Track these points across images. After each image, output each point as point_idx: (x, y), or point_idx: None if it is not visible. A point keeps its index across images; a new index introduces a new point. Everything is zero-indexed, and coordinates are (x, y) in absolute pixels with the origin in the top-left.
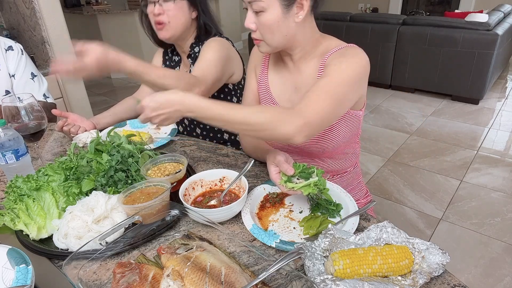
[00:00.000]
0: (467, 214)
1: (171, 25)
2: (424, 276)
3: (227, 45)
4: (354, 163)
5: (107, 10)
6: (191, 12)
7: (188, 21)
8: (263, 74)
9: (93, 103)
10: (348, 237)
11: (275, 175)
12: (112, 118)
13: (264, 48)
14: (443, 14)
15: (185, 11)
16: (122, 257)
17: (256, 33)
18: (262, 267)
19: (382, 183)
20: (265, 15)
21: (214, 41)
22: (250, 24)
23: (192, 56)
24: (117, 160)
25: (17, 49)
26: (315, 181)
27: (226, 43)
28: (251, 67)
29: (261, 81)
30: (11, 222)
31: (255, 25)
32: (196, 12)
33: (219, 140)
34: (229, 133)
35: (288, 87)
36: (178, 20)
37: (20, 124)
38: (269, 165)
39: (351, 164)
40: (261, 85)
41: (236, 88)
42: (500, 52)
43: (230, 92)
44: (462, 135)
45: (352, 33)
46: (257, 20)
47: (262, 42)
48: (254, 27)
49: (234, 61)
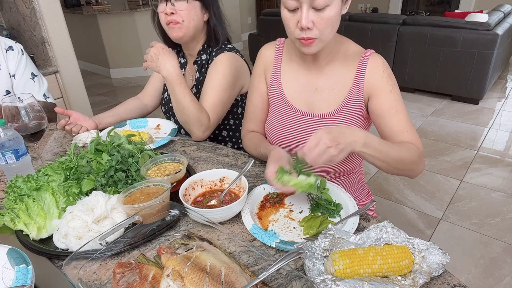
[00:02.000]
0: (467, 214)
1: (184, 24)
2: (424, 276)
3: (235, 60)
4: (359, 164)
5: (107, 10)
6: (203, 14)
7: (200, 23)
8: (275, 76)
9: (93, 103)
10: (348, 237)
11: (271, 172)
12: (115, 118)
13: (317, 46)
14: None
15: (197, 11)
16: (122, 257)
17: (313, 32)
18: (262, 267)
19: (382, 183)
20: (330, 8)
21: (223, 60)
22: (309, 23)
23: (199, 63)
24: (117, 160)
25: (17, 49)
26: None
27: (235, 58)
28: (259, 70)
29: (273, 83)
30: (11, 222)
31: (312, 23)
32: (207, 15)
33: (217, 137)
34: (227, 131)
35: (306, 88)
36: (191, 19)
37: (20, 124)
38: (269, 162)
39: (357, 166)
40: (273, 87)
41: (244, 99)
42: (500, 52)
43: (238, 103)
44: (462, 135)
45: (352, 33)
46: (317, 16)
47: (317, 40)
48: (311, 25)
49: (243, 74)
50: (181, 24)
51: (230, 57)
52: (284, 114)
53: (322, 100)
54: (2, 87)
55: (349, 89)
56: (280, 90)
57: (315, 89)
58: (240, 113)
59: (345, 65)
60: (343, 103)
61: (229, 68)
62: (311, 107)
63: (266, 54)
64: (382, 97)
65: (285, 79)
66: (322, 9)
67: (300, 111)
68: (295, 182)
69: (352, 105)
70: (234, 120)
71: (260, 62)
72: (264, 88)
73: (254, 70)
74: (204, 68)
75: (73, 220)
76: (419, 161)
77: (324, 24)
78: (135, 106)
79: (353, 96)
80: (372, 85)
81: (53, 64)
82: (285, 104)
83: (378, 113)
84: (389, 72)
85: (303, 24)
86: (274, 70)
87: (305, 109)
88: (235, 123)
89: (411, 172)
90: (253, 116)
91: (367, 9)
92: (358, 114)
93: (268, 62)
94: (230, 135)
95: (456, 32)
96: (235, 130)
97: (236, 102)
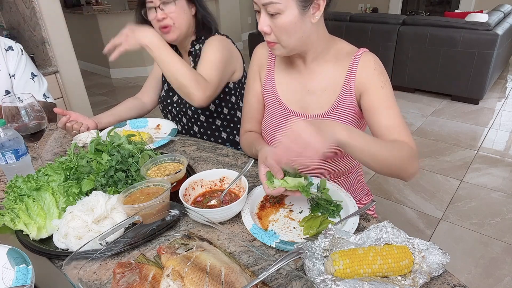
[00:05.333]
0: (467, 214)
1: (176, 26)
2: (424, 276)
3: (227, 43)
4: (357, 165)
5: (107, 10)
6: (191, 9)
7: (190, 18)
8: (269, 76)
9: (93, 103)
10: (348, 237)
11: (263, 175)
12: (114, 118)
13: (279, 50)
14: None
15: (185, 9)
16: (122, 257)
17: (271, 36)
18: (262, 267)
19: (382, 183)
20: (282, 17)
21: (214, 40)
22: (264, 27)
23: (193, 53)
24: (117, 160)
25: (17, 49)
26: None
27: (226, 40)
28: (254, 69)
29: (267, 84)
30: (11, 222)
31: (270, 28)
32: (194, 8)
33: (217, 139)
34: (227, 133)
35: (298, 90)
36: (182, 19)
37: (20, 124)
38: (259, 164)
39: (354, 166)
40: (267, 87)
41: (236, 87)
42: (500, 52)
43: (230, 91)
44: (462, 135)
45: (352, 33)
46: (272, 22)
47: (277, 45)
48: (268, 30)
49: (235, 59)
50: (173, 26)
51: (222, 39)
52: (278, 114)
53: (315, 101)
54: (2, 87)
55: (340, 89)
56: (274, 90)
57: (307, 90)
58: (235, 102)
59: (337, 65)
60: (336, 103)
61: (222, 46)
62: (305, 108)
63: (260, 53)
64: (373, 93)
65: (278, 79)
66: (275, 16)
67: (293, 112)
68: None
69: (344, 105)
70: (228, 110)
71: (255, 61)
72: (259, 88)
73: (250, 69)
74: (198, 57)
75: (73, 220)
76: (411, 160)
77: (277, 31)
78: (134, 105)
79: (345, 95)
80: (363, 82)
81: (53, 64)
82: (279, 105)
83: (369, 109)
84: (381, 69)
85: (259, 27)
86: (268, 69)
87: (298, 110)
88: (229, 112)
89: (403, 172)
90: (250, 116)
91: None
92: (351, 113)
93: (262, 61)
94: (224, 124)
95: (456, 32)
96: (229, 120)
97: (229, 90)
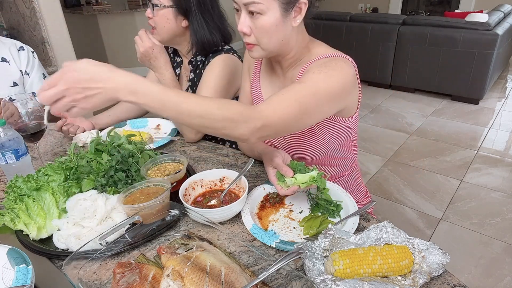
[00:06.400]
0: (467, 214)
1: (157, 30)
2: (424, 276)
3: (231, 61)
4: (351, 167)
5: (107, 10)
6: (180, 21)
7: (174, 29)
8: (256, 77)
9: None
10: (348, 237)
11: (273, 177)
12: (112, 118)
13: (258, 53)
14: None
15: (169, 19)
16: (122, 257)
17: (251, 38)
18: (262, 267)
19: (382, 183)
20: (264, 18)
21: (217, 61)
22: (244, 28)
23: (194, 63)
24: (117, 160)
25: (27, 49)
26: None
27: (230, 59)
28: (245, 69)
29: (254, 85)
30: (11, 222)
31: (250, 29)
32: (186, 22)
33: (217, 139)
34: None
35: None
36: (162, 26)
37: (20, 124)
38: (266, 166)
39: (347, 169)
40: (253, 88)
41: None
42: (500, 52)
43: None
44: (462, 135)
45: (352, 33)
46: (252, 23)
47: (257, 46)
48: (249, 31)
49: (239, 76)
50: (155, 30)
51: (226, 58)
52: None
53: None
54: (10, 78)
55: None
56: (259, 92)
57: None
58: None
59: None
60: None
61: (224, 70)
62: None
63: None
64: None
65: (263, 82)
66: (256, 17)
67: None
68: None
69: None
70: None
71: (245, 61)
72: (249, 87)
73: (242, 69)
74: (198, 69)
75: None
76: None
77: (258, 32)
78: (132, 106)
79: None
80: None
81: (53, 64)
82: None
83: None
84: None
85: (238, 28)
86: (255, 71)
87: None
88: None
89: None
90: None
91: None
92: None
93: (251, 62)
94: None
95: (456, 32)
96: None
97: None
